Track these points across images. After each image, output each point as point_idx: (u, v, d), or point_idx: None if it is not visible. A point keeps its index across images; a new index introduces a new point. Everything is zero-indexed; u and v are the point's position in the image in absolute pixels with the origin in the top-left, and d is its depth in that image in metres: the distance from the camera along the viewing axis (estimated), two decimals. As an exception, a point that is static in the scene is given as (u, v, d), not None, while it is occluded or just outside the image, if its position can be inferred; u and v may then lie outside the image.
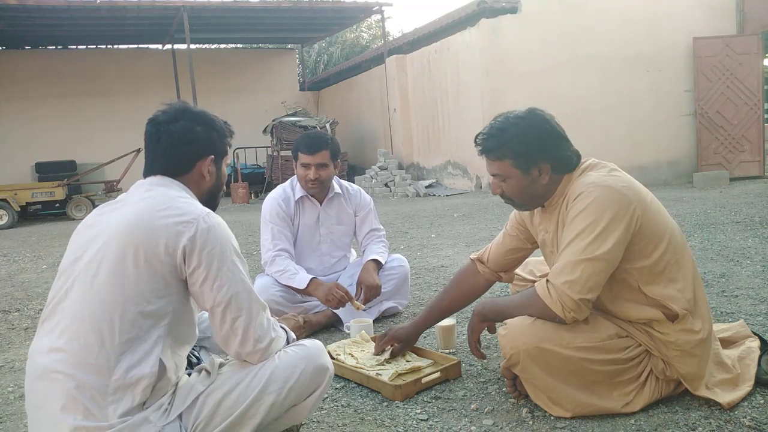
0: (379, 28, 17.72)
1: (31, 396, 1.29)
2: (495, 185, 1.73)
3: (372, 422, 1.71)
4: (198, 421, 1.31)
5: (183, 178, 1.43)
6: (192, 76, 10.68)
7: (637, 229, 1.56)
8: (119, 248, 1.27)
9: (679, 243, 1.65)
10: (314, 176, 2.67)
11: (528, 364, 1.61)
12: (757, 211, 5.23)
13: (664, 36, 8.83)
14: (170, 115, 1.42)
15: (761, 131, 8.86)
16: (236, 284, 1.32)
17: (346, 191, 2.89)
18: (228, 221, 1.38)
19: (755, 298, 2.63)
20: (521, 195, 1.71)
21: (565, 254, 1.57)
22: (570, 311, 1.55)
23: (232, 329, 1.33)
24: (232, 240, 1.36)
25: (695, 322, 1.60)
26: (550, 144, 1.66)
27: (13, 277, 4.64)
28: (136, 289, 1.26)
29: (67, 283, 1.30)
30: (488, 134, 1.69)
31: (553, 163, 1.66)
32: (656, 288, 1.59)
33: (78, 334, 1.24)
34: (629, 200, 1.56)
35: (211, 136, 1.46)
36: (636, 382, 1.63)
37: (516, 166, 1.66)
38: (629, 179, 1.64)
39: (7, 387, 2.23)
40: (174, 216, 1.29)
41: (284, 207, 2.75)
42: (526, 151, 1.64)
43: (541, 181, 1.67)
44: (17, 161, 12.52)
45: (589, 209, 1.55)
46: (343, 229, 2.88)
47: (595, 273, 1.53)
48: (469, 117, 9.35)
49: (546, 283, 1.60)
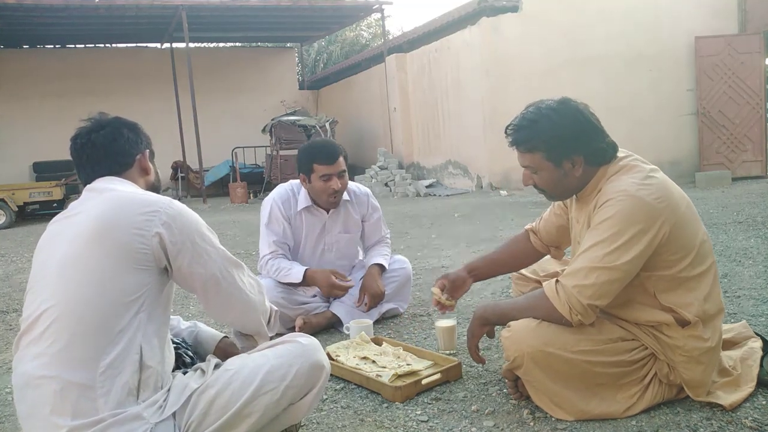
0: (379, 27, 17.70)
1: (20, 406, 1.28)
2: (526, 177, 1.70)
3: (372, 423, 1.70)
4: (191, 419, 1.29)
5: (128, 174, 1.46)
6: (190, 75, 10.66)
7: (662, 242, 1.52)
8: (91, 249, 1.27)
9: (706, 253, 1.60)
10: (338, 186, 2.54)
11: (531, 367, 1.59)
12: (760, 211, 5.22)
13: (666, 35, 8.82)
14: (94, 125, 1.47)
15: (763, 131, 8.85)
16: (219, 254, 1.40)
17: (354, 196, 2.77)
18: (227, 221, 1.37)
19: (758, 298, 2.61)
20: (553, 187, 1.68)
21: (582, 259, 1.54)
22: (577, 314, 1.53)
23: (229, 296, 1.42)
24: (198, 217, 1.43)
25: (706, 330, 1.57)
26: (583, 136, 1.60)
27: (11, 278, 4.62)
28: (114, 285, 1.26)
29: (39, 296, 1.29)
30: (519, 125, 1.64)
31: (586, 155, 1.61)
32: (672, 296, 1.57)
33: (59, 334, 1.23)
34: (658, 214, 1.51)
35: (140, 136, 1.51)
36: (640, 385, 1.62)
37: (548, 158, 1.62)
38: (664, 188, 1.56)
39: (5, 388, 2.22)
40: (138, 207, 1.31)
41: (283, 210, 2.64)
42: (558, 144, 1.59)
43: (574, 174, 1.63)
44: (15, 161, 12.51)
45: (615, 218, 1.51)
46: (350, 237, 2.77)
47: (609, 282, 1.51)
48: (469, 116, 9.35)
49: (555, 283, 1.57)
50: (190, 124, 11.06)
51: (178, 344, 1.59)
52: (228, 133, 13.17)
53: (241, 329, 1.54)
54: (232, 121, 13.73)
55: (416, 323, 2.68)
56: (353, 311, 2.64)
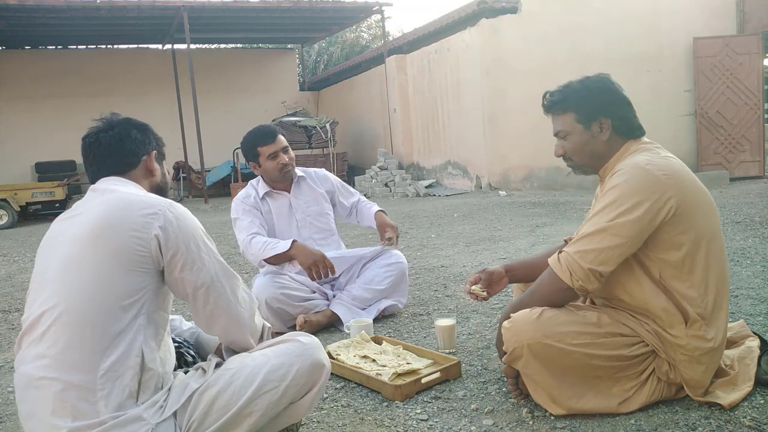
0: (379, 28, 17.72)
1: (22, 406, 1.29)
2: (558, 147, 1.77)
3: (372, 422, 1.71)
4: (192, 419, 1.29)
5: (132, 175, 1.46)
6: (192, 76, 10.68)
7: (667, 219, 1.55)
8: (90, 250, 1.28)
9: (717, 251, 1.62)
10: (287, 159, 2.69)
11: (530, 359, 1.61)
12: (757, 211, 5.23)
13: (664, 36, 8.83)
14: (104, 125, 1.48)
15: (761, 131, 8.86)
16: (214, 264, 1.37)
17: (309, 174, 2.90)
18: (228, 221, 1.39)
19: (755, 298, 2.63)
20: (581, 153, 1.73)
21: (585, 227, 1.60)
22: (578, 280, 1.57)
23: (217, 308, 1.38)
24: (199, 223, 1.41)
25: (709, 330, 1.58)
26: (613, 99, 1.70)
27: (13, 277, 4.64)
28: (113, 286, 1.26)
29: (40, 297, 1.30)
30: (554, 91, 1.76)
31: (614, 120, 1.68)
32: (678, 284, 1.58)
33: (59, 336, 1.24)
34: (664, 188, 1.55)
35: (148, 137, 1.52)
36: (637, 380, 1.63)
37: (578, 120, 1.70)
38: (675, 167, 1.60)
39: (7, 387, 2.23)
40: (139, 209, 1.31)
41: (246, 202, 2.74)
42: (588, 103, 1.69)
43: (601, 138, 1.69)
44: (17, 161, 12.52)
45: (620, 187, 1.56)
46: (318, 209, 2.85)
47: (609, 247, 1.54)
48: (469, 117, 9.36)
49: (558, 254, 1.62)
50: (191, 124, 11.08)
51: (180, 344, 1.60)
52: (229, 134, 13.14)
53: (229, 344, 1.47)
54: (234, 122, 13.71)
55: (416, 322, 2.69)
56: (353, 310, 2.66)
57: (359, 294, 2.70)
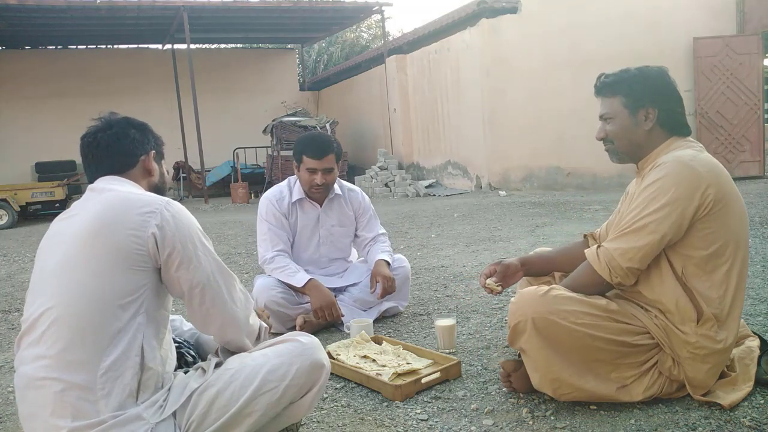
0: (379, 28, 17.72)
1: (22, 407, 1.29)
2: (600, 129, 1.77)
3: (372, 422, 1.71)
4: (191, 419, 1.29)
5: (130, 174, 1.46)
6: (192, 76, 10.67)
7: (705, 213, 1.56)
8: (88, 249, 1.28)
9: (741, 258, 1.63)
10: (321, 181, 2.63)
11: (533, 334, 1.60)
12: (757, 211, 5.23)
13: (664, 36, 8.83)
14: (103, 124, 1.47)
15: (761, 131, 8.86)
16: (210, 263, 1.37)
17: (346, 192, 2.85)
18: (228, 221, 1.39)
19: (755, 297, 2.63)
20: (622, 138, 1.73)
21: (625, 222, 1.61)
22: (617, 277, 1.60)
23: (212, 307, 1.37)
24: (196, 222, 1.41)
25: (720, 331, 1.59)
26: (664, 92, 1.70)
27: (13, 277, 4.64)
28: (111, 285, 1.26)
29: (39, 297, 1.30)
30: (610, 74, 1.76)
31: (661, 111, 1.68)
32: (698, 283, 1.59)
33: (58, 336, 1.24)
34: (703, 180, 1.55)
35: (147, 137, 1.51)
36: (637, 369, 1.63)
37: (625, 105, 1.70)
38: (716, 165, 1.62)
39: (7, 387, 2.23)
40: (136, 208, 1.31)
41: (278, 207, 2.71)
42: (638, 90, 1.69)
43: (644, 126, 1.69)
44: (17, 161, 12.51)
45: (660, 181, 1.57)
46: (344, 231, 2.84)
47: (649, 244, 1.56)
48: (469, 117, 9.36)
49: (597, 248, 1.63)
50: (191, 124, 11.07)
51: (180, 344, 1.60)
52: (229, 134, 13.20)
53: (224, 344, 1.46)
54: (233, 122, 13.75)
55: (416, 322, 2.69)
56: (354, 310, 2.67)
57: (361, 297, 2.71)
